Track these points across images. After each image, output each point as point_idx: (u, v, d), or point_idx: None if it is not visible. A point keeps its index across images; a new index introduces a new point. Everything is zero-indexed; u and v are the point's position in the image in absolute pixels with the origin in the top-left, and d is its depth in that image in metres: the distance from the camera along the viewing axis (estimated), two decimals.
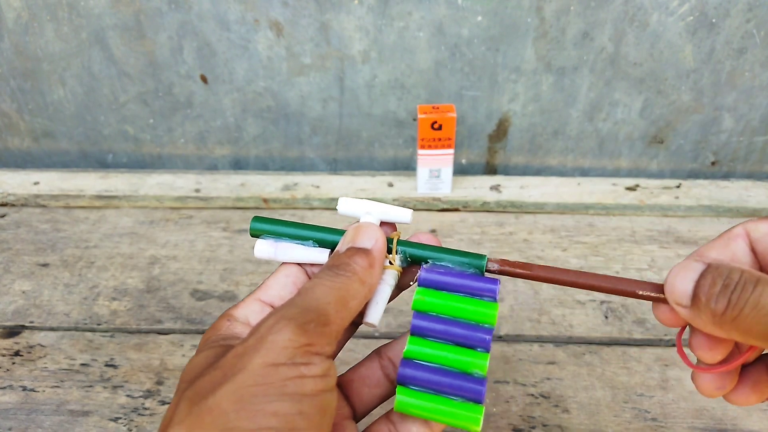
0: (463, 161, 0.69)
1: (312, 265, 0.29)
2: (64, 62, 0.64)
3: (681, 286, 0.23)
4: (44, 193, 0.64)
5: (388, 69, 0.63)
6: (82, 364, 0.47)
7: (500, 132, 0.67)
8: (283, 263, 0.29)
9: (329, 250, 0.28)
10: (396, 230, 0.29)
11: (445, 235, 0.59)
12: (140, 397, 0.45)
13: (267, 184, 0.65)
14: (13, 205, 0.65)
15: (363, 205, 0.29)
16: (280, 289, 0.28)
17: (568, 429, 0.42)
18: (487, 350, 0.26)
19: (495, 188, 0.64)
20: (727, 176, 0.69)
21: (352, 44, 0.61)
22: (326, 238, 0.28)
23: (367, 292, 0.25)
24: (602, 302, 0.52)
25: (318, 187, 0.64)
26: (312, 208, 0.63)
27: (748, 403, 0.25)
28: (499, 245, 0.58)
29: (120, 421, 0.43)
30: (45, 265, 0.57)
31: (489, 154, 0.69)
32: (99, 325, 0.51)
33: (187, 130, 0.69)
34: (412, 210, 0.29)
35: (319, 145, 0.69)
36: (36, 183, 0.65)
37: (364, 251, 0.26)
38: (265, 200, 0.63)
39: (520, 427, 0.42)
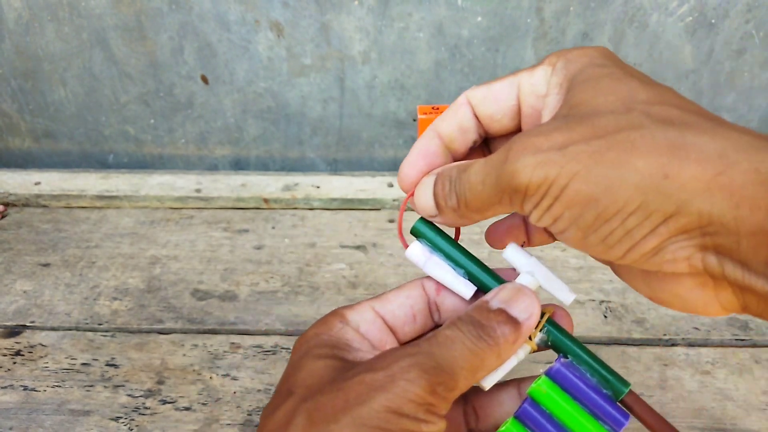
0: None
1: (449, 290, 0.28)
2: (64, 62, 0.64)
3: (425, 198, 0.26)
4: (45, 193, 0.64)
5: (389, 70, 0.63)
6: (83, 364, 0.47)
7: None
8: (410, 282, 0.28)
9: (475, 288, 0.26)
10: (553, 308, 0.27)
11: None
12: (141, 396, 0.45)
13: (267, 185, 0.65)
14: (14, 205, 0.65)
15: (529, 263, 0.26)
16: (398, 307, 0.27)
17: None
18: None
19: None
20: None
21: (353, 45, 0.61)
22: (480, 276, 0.26)
23: (496, 368, 0.24)
24: (602, 302, 0.52)
25: (318, 187, 0.64)
26: (312, 209, 0.63)
27: (501, 247, 0.28)
28: None
29: (121, 420, 0.43)
30: (46, 265, 0.57)
31: None
32: (100, 324, 0.51)
33: (187, 131, 0.69)
34: (575, 295, 0.27)
35: (320, 145, 0.69)
36: (37, 183, 0.65)
37: (515, 323, 0.24)
38: (266, 200, 0.63)
39: None
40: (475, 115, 0.27)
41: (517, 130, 0.27)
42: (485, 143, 0.29)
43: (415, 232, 0.27)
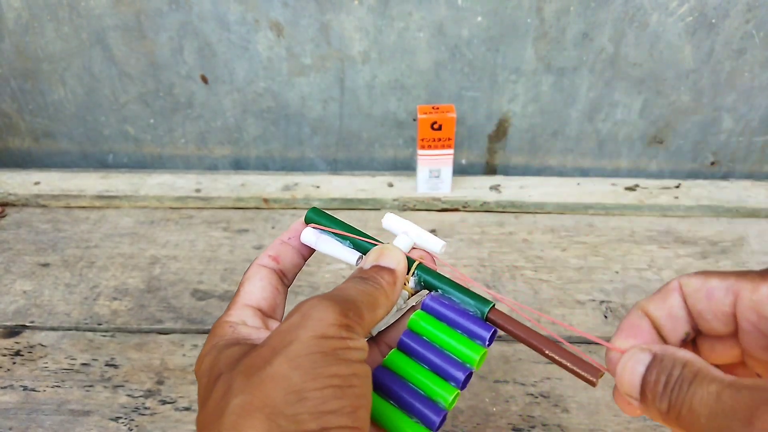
0: (463, 161, 0.69)
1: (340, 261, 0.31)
2: (64, 62, 0.64)
3: (630, 380, 0.23)
4: (45, 193, 0.64)
5: (389, 69, 0.63)
6: (83, 364, 0.47)
7: (500, 132, 0.67)
8: (252, 265, 0.30)
9: (360, 254, 0.30)
10: (430, 256, 0.31)
11: (446, 235, 0.59)
12: (141, 396, 0.45)
13: (267, 185, 0.65)
14: (13, 205, 0.65)
15: (403, 225, 0.31)
16: (260, 291, 0.29)
17: (568, 428, 0.42)
18: (458, 386, 0.27)
19: (495, 188, 0.64)
20: (726, 176, 0.69)
21: (353, 45, 0.61)
22: (361, 243, 0.31)
23: (389, 306, 0.27)
24: (602, 302, 0.52)
25: (318, 187, 0.64)
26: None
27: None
28: (498, 245, 0.58)
29: (120, 420, 0.43)
30: (46, 265, 0.57)
31: (489, 154, 0.69)
32: (100, 324, 0.51)
33: (187, 131, 0.69)
34: (445, 243, 0.31)
35: (320, 145, 0.69)
36: (37, 183, 0.65)
37: (389, 270, 0.28)
38: (266, 200, 0.63)
39: (520, 426, 0.42)
40: (685, 302, 0.25)
41: (732, 335, 0.24)
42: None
43: (307, 220, 0.32)
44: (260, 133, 0.68)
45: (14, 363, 0.47)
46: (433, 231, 0.60)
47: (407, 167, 0.70)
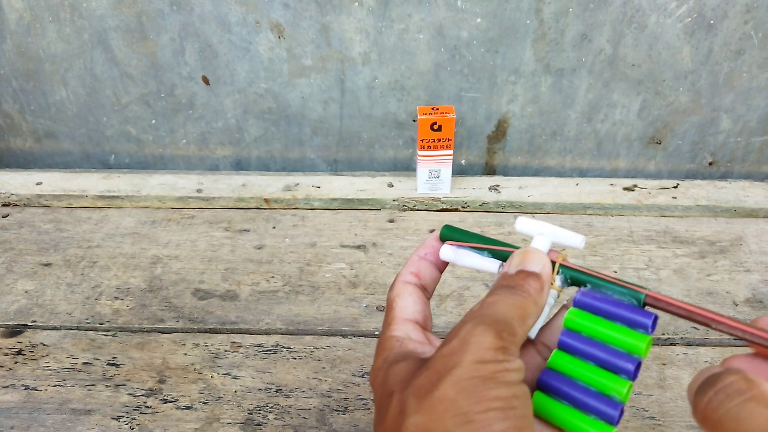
0: (463, 162, 0.70)
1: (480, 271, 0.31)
2: (66, 63, 0.65)
3: (693, 383, 0.24)
4: (47, 194, 0.64)
5: (389, 71, 0.63)
6: (85, 363, 0.48)
7: (499, 133, 0.67)
8: (397, 282, 0.32)
9: (500, 262, 0.31)
10: (564, 254, 0.31)
11: None
12: (142, 395, 0.45)
13: (268, 185, 0.65)
14: (15, 205, 0.65)
15: (538, 226, 0.31)
16: (414, 305, 0.30)
17: None
18: (629, 378, 0.26)
19: (494, 188, 0.64)
20: (724, 176, 0.69)
21: (353, 46, 0.61)
22: (500, 253, 0.31)
23: (539, 312, 0.28)
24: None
25: (319, 187, 0.65)
26: (313, 209, 0.64)
27: None
28: None
29: (122, 419, 0.43)
30: (47, 264, 0.57)
31: (488, 154, 0.69)
32: (101, 324, 0.51)
33: (188, 131, 0.69)
34: (584, 236, 0.30)
35: (320, 146, 0.69)
36: (39, 183, 0.66)
37: (535, 275, 0.28)
38: (267, 200, 0.64)
39: None
40: None
41: None
42: None
43: (443, 237, 0.32)
44: (261, 134, 0.69)
45: (16, 362, 0.48)
46: (433, 231, 0.60)
47: (407, 168, 0.70)
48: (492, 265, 0.31)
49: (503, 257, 0.30)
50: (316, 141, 0.69)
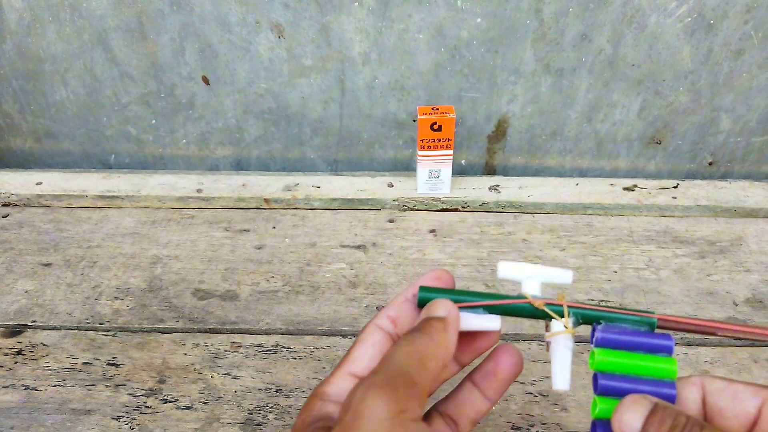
0: (463, 162, 0.70)
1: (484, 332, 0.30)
2: (66, 63, 0.65)
3: (630, 421, 0.24)
4: (47, 194, 0.64)
5: (389, 71, 0.63)
6: (85, 363, 0.48)
7: (499, 133, 0.67)
8: (369, 324, 0.29)
9: (499, 317, 0.29)
10: (561, 293, 0.30)
11: (445, 234, 0.60)
12: (142, 395, 0.45)
13: (268, 185, 0.65)
14: (15, 205, 0.65)
15: (523, 269, 0.30)
16: (369, 360, 0.28)
17: (567, 427, 0.42)
18: (673, 402, 0.26)
19: (494, 188, 0.64)
20: (724, 177, 0.69)
21: (353, 46, 0.61)
22: (495, 304, 0.29)
23: (443, 353, 0.26)
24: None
25: (319, 187, 0.65)
26: (313, 209, 0.64)
27: None
28: (498, 245, 0.58)
29: (122, 419, 0.43)
30: (47, 264, 0.57)
31: (488, 154, 0.69)
32: (101, 324, 0.51)
33: (188, 131, 0.69)
34: (573, 271, 0.30)
35: (320, 146, 0.69)
36: (39, 183, 0.66)
37: (438, 317, 0.27)
38: (267, 200, 0.64)
39: (519, 425, 0.42)
40: (704, 400, 0.26)
41: None
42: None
43: (421, 304, 0.29)
44: (261, 134, 0.69)
45: (16, 362, 0.48)
46: (433, 231, 0.60)
47: (407, 168, 0.70)
48: (493, 322, 0.29)
49: (502, 310, 0.29)
50: (316, 141, 0.69)
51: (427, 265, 0.56)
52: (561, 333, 0.28)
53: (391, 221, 0.62)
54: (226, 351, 0.49)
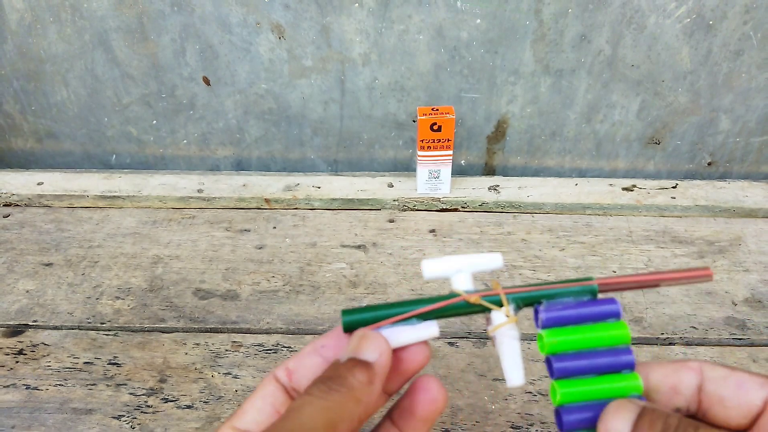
0: (462, 162, 0.70)
1: (424, 342, 0.26)
2: (67, 64, 0.65)
3: (617, 429, 0.22)
4: (48, 194, 0.65)
5: (389, 71, 0.63)
6: (86, 363, 0.48)
7: (499, 133, 0.67)
8: (268, 374, 0.26)
9: (435, 322, 0.26)
10: (495, 280, 0.29)
11: (445, 234, 0.60)
12: (143, 395, 0.45)
13: (269, 185, 0.66)
14: (17, 205, 0.65)
15: (449, 264, 0.28)
16: (257, 413, 0.24)
17: None
18: (633, 370, 0.25)
19: (493, 189, 0.64)
20: (723, 177, 0.69)
21: (353, 47, 0.62)
22: (428, 310, 0.26)
23: (361, 413, 0.22)
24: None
25: (319, 187, 0.65)
26: (313, 209, 0.64)
27: None
28: (497, 245, 0.59)
29: (123, 419, 0.44)
30: (49, 264, 0.57)
31: (488, 155, 0.69)
32: (102, 324, 0.51)
33: (189, 132, 0.69)
34: (500, 253, 0.29)
35: (321, 146, 0.69)
36: (40, 183, 0.66)
37: (366, 365, 0.23)
38: (267, 200, 0.64)
39: (519, 424, 0.43)
40: (700, 387, 0.24)
41: (740, 428, 0.24)
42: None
43: (346, 326, 0.26)
44: (262, 134, 0.69)
45: (17, 362, 0.48)
46: (432, 231, 0.60)
47: (407, 168, 0.70)
48: (430, 329, 0.26)
49: (435, 314, 0.26)
50: (317, 141, 0.69)
51: None
52: (504, 324, 0.26)
53: (391, 221, 0.62)
54: (226, 350, 0.49)
